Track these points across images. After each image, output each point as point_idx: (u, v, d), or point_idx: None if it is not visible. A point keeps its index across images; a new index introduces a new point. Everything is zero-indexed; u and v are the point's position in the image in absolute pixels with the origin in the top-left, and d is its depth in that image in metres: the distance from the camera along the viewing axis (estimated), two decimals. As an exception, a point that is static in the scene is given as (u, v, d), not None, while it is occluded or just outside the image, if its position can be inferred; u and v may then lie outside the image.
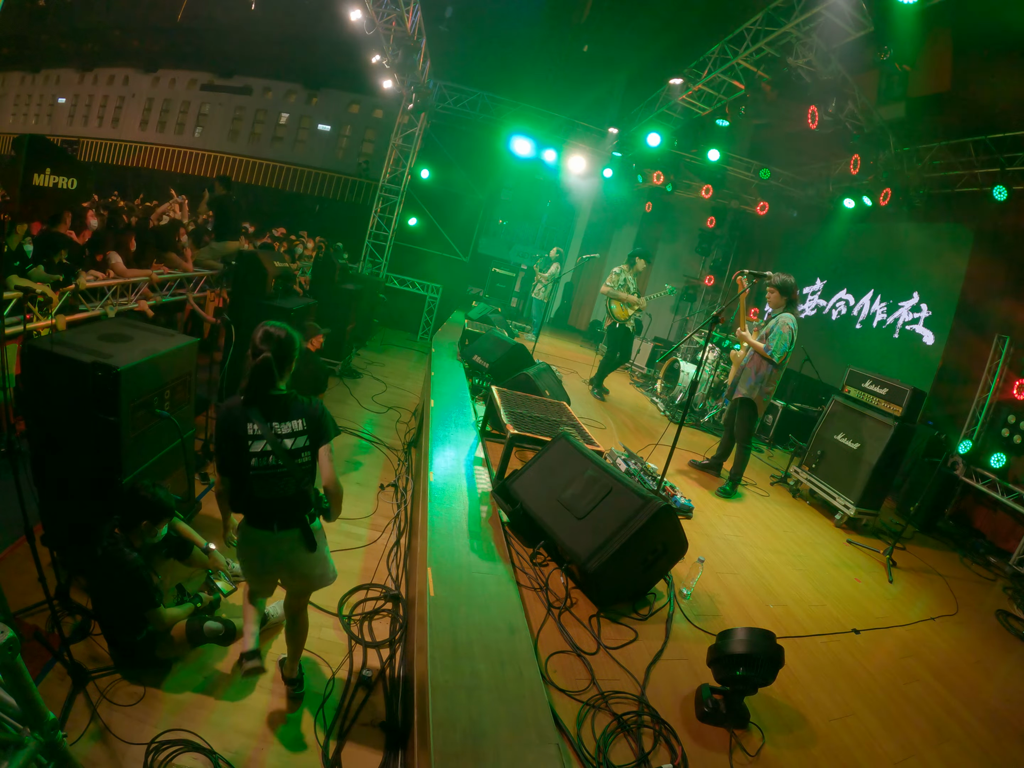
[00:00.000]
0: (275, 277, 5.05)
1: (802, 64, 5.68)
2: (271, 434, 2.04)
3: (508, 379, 4.68)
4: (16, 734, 1.50)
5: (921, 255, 7.26)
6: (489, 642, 2.03)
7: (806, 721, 2.23)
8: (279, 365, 2.07)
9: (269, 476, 2.06)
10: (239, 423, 2.03)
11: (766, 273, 4.18)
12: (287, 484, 2.09)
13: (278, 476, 2.07)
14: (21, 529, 2.19)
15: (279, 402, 2.09)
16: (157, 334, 3.27)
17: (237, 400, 2.08)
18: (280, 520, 2.13)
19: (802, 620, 3.00)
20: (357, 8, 7.17)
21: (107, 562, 2.39)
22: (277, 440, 2.04)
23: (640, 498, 2.57)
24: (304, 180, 20.36)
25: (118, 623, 2.44)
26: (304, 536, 2.17)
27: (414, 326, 11.59)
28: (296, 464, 2.09)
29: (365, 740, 2.40)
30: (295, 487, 2.11)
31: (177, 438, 3.26)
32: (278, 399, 2.09)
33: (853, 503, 4.54)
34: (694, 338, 8.14)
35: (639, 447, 4.83)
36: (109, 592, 2.43)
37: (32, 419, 2.76)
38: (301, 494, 2.14)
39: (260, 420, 2.03)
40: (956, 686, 2.81)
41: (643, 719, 1.98)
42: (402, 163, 10.70)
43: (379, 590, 3.36)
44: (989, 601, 4.15)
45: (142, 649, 2.45)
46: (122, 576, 2.36)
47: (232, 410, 2.06)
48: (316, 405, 2.15)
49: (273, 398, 2.08)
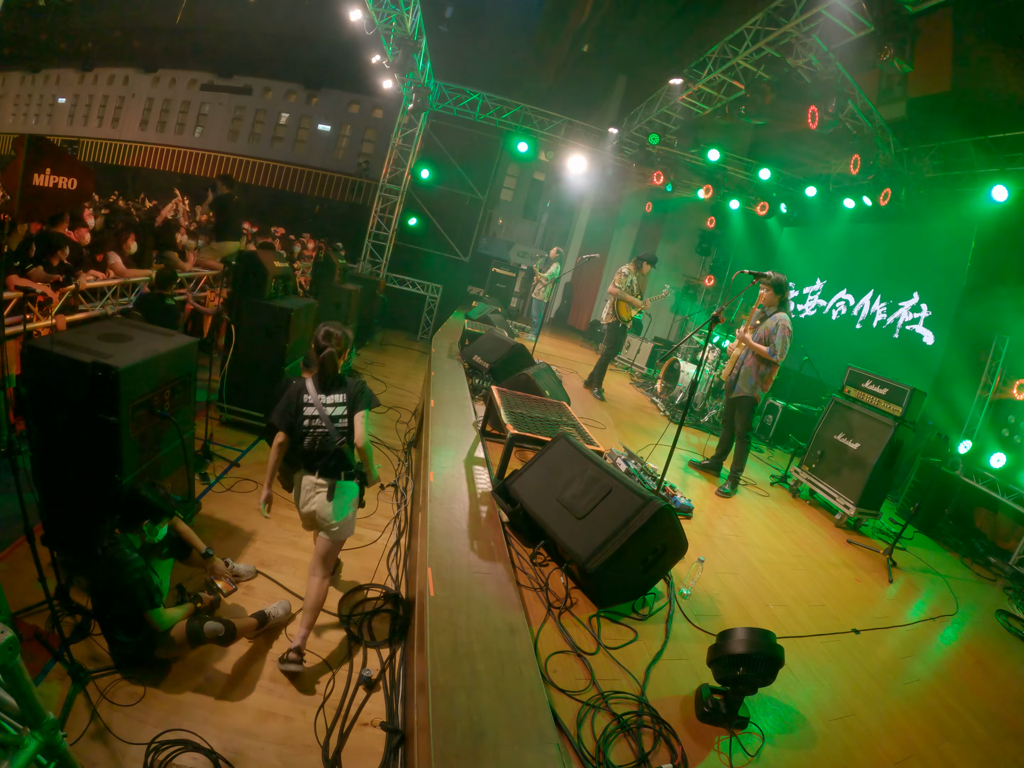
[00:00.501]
0: (275, 277, 5.05)
1: (802, 64, 5.68)
2: (319, 403, 2.67)
3: (508, 379, 4.68)
4: (16, 734, 1.49)
5: (921, 255, 7.26)
6: (489, 642, 2.03)
7: (806, 721, 2.23)
8: (337, 359, 2.71)
9: (315, 433, 2.65)
10: (300, 393, 2.68)
11: (766, 273, 4.20)
12: (328, 441, 2.64)
13: (321, 433, 2.65)
14: (21, 529, 2.19)
15: (332, 382, 2.71)
16: (157, 334, 3.27)
17: (303, 378, 2.73)
18: (321, 469, 2.68)
19: (802, 620, 3.00)
20: (357, 8, 7.18)
21: (107, 562, 2.39)
22: (323, 407, 2.67)
23: (640, 498, 2.57)
24: (304, 180, 20.37)
25: (118, 623, 2.44)
26: (331, 489, 2.68)
27: (414, 326, 11.59)
28: (335, 427, 2.66)
29: (365, 740, 2.40)
30: (335, 445, 2.64)
31: (177, 438, 3.25)
32: (332, 379, 2.71)
33: (853, 503, 4.54)
34: (694, 338, 8.15)
35: (639, 447, 4.83)
36: (109, 592, 2.42)
37: (32, 419, 2.76)
38: (340, 453, 2.66)
39: (314, 391, 2.68)
40: (956, 686, 2.82)
41: (643, 719, 1.98)
42: (402, 163, 10.70)
43: (379, 590, 3.36)
44: (989, 601, 4.15)
45: (142, 649, 2.45)
46: (122, 577, 2.36)
47: (297, 382, 2.72)
48: (357, 383, 2.76)
49: (329, 378, 2.71)
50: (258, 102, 21.47)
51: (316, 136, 21.05)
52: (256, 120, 21.42)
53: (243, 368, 4.98)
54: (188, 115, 21.99)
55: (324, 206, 19.72)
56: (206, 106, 21.86)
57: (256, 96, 21.47)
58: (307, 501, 2.71)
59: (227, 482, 4.20)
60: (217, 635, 2.56)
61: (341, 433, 2.66)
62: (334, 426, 2.65)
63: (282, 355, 4.99)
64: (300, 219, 17.72)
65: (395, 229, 10.92)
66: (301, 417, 2.64)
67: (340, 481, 2.69)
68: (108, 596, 2.43)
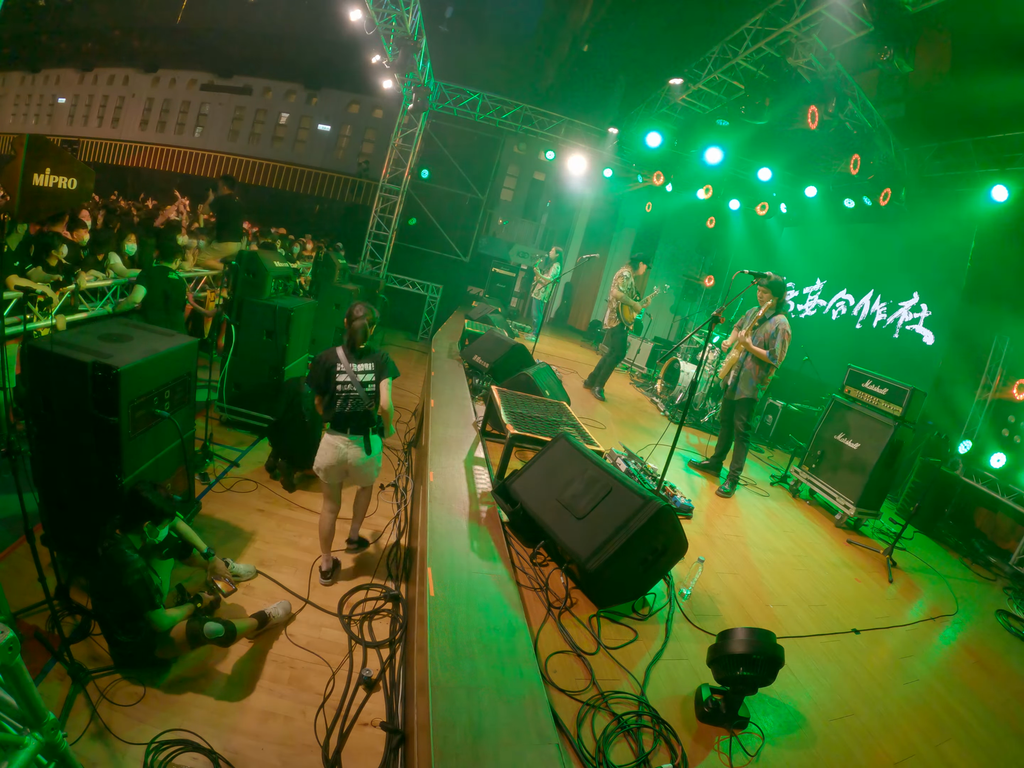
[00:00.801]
0: (275, 277, 5.05)
1: (802, 64, 5.68)
2: (351, 369, 3.11)
3: (508, 379, 4.68)
4: (16, 734, 1.49)
5: (921, 255, 7.26)
6: (489, 642, 2.03)
7: (806, 721, 2.23)
8: (368, 329, 3.15)
9: (347, 396, 3.09)
10: (333, 360, 3.12)
11: (765, 273, 4.20)
12: (358, 402, 3.11)
13: (352, 397, 3.10)
14: (21, 529, 2.19)
15: (362, 351, 3.16)
16: (157, 334, 3.27)
17: (335, 348, 3.16)
18: (352, 428, 3.14)
19: (802, 620, 3.00)
20: (357, 8, 7.17)
21: (107, 563, 2.39)
22: (354, 373, 3.11)
23: (640, 498, 2.57)
24: (304, 180, 20.36)
25: (118, 623, 2.44)
26: (365, 442, 3.16)
27: (414, 326, 11.59)
28: (365, 391, 3.12)
29: (365, 740, 2.40)
30: (364, 407, 3.11)
31: (177, 438, 3.26)
32: (362, 350, 3.16)
33: (853, 503, 4.54)
34: (694, 338, 8.15)
35: (639, 447, 4.83)
36: (109, 592, 2.42)
37: (32, 419, 2.75)
38: (367, 414, 3.14)
39: (346, 360, 3.12)
40: (956, 686, 2.82)
41: (643, 719, 1.98)
42: (402, 163, 10.70)
43: (379, 590, 3.36)
44: (989, 601, 4.15)
45: (142, 649, 2.45)
46: (122, 577, 2.36)
47: (330, 352, 3.16)
48: (382, 355, 3.20)
49: (359, 349, 3.15)
50: (258, 102, 21.46)
51: (316, 136, 21.03)
52: (256, 120, 21.40)
53: (243, 368, 4.98)
54: (188, 115, 21.98)
55: (324, 206, 19.72)
56: (206, 106, 21.85)
57: (256, 96, 21.46)
58: (338, 457, 3.15)
59: (227, 482, 4.20)
60: (217, 636, 2.56)
61: (370, 397, 3.13)
62: (364, 391, 3.12)
63: (282, 355, 4.99)
64: (300, 219, 17.72)
65: (395, 229, 10.93)
66: (334, 383, 3.09)
67: (371, 435, 3.19)
68: (108, 596, 2.43)
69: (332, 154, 20.83)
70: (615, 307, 6.73)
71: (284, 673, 2.66)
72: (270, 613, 2.89)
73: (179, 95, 22.16)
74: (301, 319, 5.25)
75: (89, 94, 23.54)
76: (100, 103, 23.20)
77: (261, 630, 2.83)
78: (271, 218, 14.46)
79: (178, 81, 22.23)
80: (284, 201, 19.66)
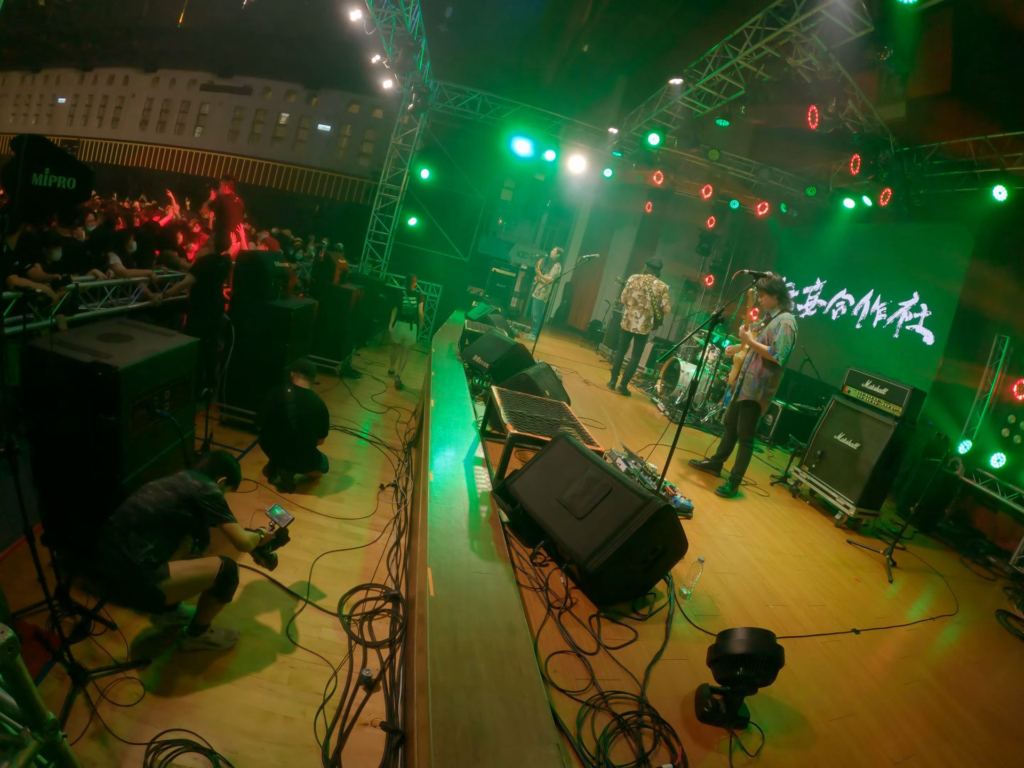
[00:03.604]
0: (275, 277, 5.05)
1: (802, 64, 5.68)
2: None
3: (508, 379, 4.68)
4: (16, 734, 1.49)
5: (921, 255, 7.26)
6: (489, 642, 2.03)
7: (806, 721, 2.23)
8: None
9: None
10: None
11: (766, 273, 4.20)
12: None
13: None
14: (21, 529, 2.19)
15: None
16: (157, 334, 3.27)
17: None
18: None
19: (802, 620, 3.00)
20: (357, 8, 7.18)
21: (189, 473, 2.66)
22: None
23: (640, 498, 2.57)
24: (304, 180, 20.38)
25: (167, 534, 2.52)
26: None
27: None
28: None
29: (365, 740, 2.39)
30: None
31: (177, 438, 3.25)
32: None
33: (853, 503, 4.54)
34: (694, 338, 8.15)
35: (639, 447, 4.82)
36: (185, 498, 2.57)
37: (32, 419, 2.75)
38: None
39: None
40: (956, 686, 2.81)
41: (643, 719, 1.98)
42: (402, 163, 10.70)
43: (379, 590, 3.36)
44: (989, 601, 4.15)
45: (144, 575, 2.40)
46: (209, 487, 2.63)
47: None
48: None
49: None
50: (258, 102, 21.47)
51: (316, 136, 21.05)
52: (256, 120, 21.42)
53: (243, 368, 4.98)
54: (188, 115, 21.99)
55: (324, 206, 19.73)
56: (206, 106, 21.86)
57: (256, 96, 21.47)
58: None
59: (227, 482, 4.19)
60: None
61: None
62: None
63: (282, 355, 4.99)
64: (300, 219, 17.72)
65: (395, 229, 10.92)
66: None
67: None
68: (180, 502, 2.55)
69: (332, 154, 20.84)
70: (652, 315, 7.05)
71: (284, 673, 2.66)
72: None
73: (179, 95, 22.17)
74: (301, 319, 5.25)
75: (89, 94, 23.55)
76: (100, 103, 23.22)
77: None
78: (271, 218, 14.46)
79: (178, 81, 22.24)
80: (284, 201, 19.68)
